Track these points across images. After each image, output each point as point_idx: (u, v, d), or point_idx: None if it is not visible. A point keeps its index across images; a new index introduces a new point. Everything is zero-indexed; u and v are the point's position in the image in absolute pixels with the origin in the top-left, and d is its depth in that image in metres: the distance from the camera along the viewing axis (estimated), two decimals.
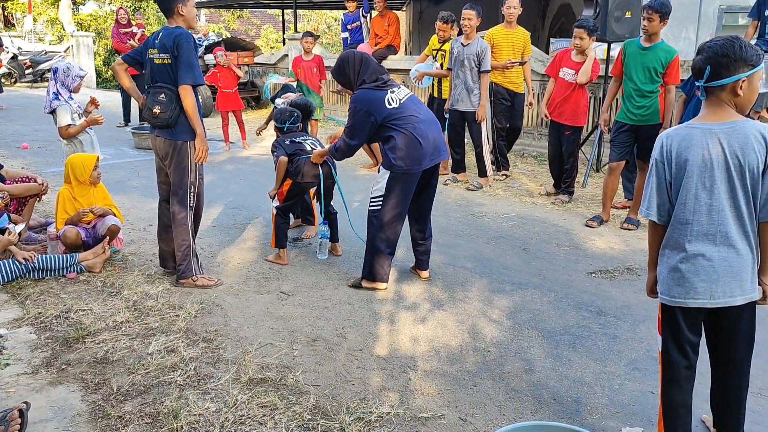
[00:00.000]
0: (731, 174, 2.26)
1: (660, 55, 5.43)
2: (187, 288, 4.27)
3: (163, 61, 4.01)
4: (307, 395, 3.02)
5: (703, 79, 2.27)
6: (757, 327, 3.85)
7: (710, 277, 2.32)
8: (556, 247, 5.23)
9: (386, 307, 4.03)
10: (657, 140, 2.41)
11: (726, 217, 2.29)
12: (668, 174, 2.34)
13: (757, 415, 2.92)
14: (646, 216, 2.44)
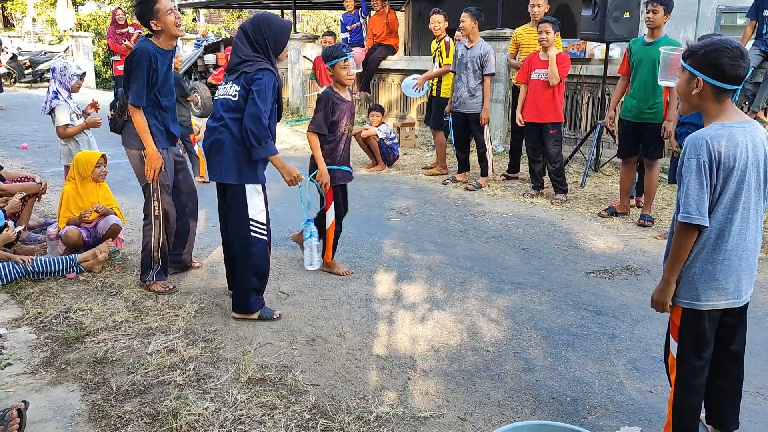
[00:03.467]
0: (759, 171, 2.31)
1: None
2: (186, 288, 4.28)
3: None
4: (306, 395, 3.02)
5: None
6: (756, 327, 3.88)
7: (738, 276, 2.34)
8: (555, 246, 5.24)
9: (385, 307, 4.03)
10: (696, 140, 2.29)
11: (753, 215, 2.34)
12: (716, 177, 2.26)
13: (755, 414, 2.93)
14: (697, 221, 2.26)
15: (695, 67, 2.29)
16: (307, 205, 4.42)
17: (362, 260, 4.88)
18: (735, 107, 2.35)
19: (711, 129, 2.29)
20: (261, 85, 3.53)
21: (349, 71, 4.29)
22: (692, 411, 2.51)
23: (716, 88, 2.28)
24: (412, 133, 10.06)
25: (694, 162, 2.26)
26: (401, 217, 6.12)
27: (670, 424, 2.55)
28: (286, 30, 3.74)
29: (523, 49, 7.25)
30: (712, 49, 2.25)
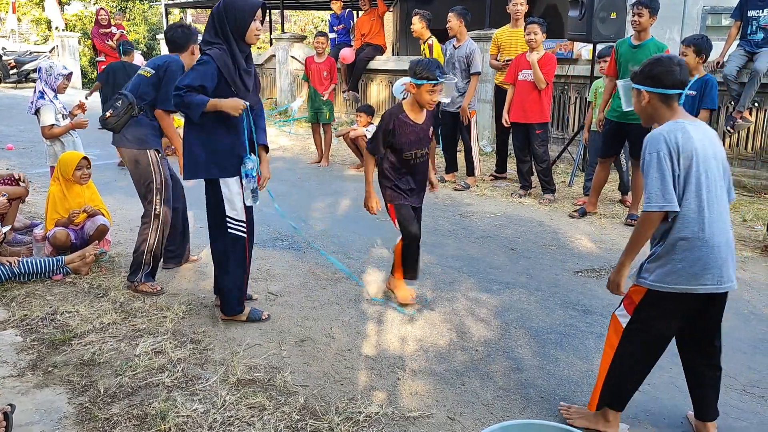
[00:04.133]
0: (719, 163, 2.51)
1: (651, 51, 5.53)
2: (174, 289, 4.26)
3: (143, 72, 4.22)
4: (295, 396, 3.02)
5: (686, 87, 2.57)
6: (740, 324, 3.92)
7: (718, 263, 2.46)
8: (543, 246, 5.26)
9: (374, 307, 4.03)
10: (652, 137, 2.49)
11: (723, 204, 2.52)
12: (677, 166, 2.42)
13: (742, 412, 2.95)
14: (668, 208, 2.41)
15: (639, 83, 2.60)
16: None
17: (351, 260, 4.87)
18: (684, 111, 2.58)
19: (666, 126, 2.51)
20: (195, 65, 3.41)
21: (434, 97, 3.72)
22: (625, 385, 2.65)
23: (661, 95, 2.55)
24: None
25: (654, 156, 2.45)
26: None
27: (598, 390, 2.70)
28: (248, 10, 3.42)
29: (504, 51, 7.28)
30: (648, 63, 2.60)
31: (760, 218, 5.94)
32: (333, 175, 8.04)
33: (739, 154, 7.20)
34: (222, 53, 3.40)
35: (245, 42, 3.48)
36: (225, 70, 3.39)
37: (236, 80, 3.45)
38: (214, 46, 3.42)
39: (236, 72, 3.45)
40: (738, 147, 7.21)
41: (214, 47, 3.41)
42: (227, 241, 3.62)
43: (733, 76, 6.75)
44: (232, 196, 3.56)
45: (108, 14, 11.53)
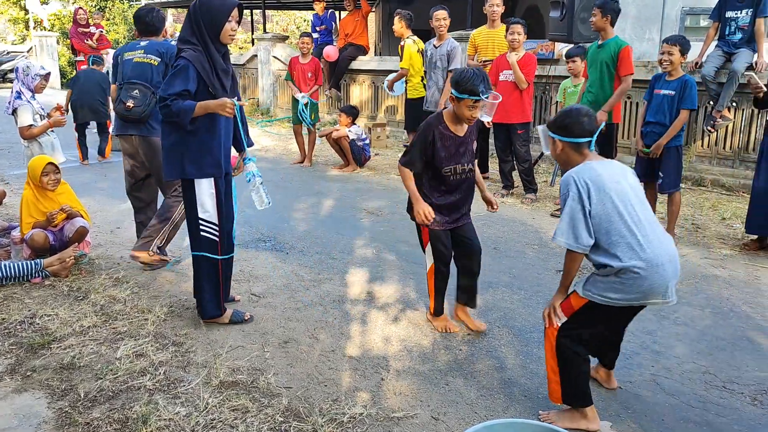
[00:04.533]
0: (636, 191, 2.72)
1: (611, 49, 5.70)
2: (155, 291, 4.22)
3: (146, 60, 4.46)
4: (279, 397, 3.00)
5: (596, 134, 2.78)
6: (720, 321, 3.97)
7: (665, 280, 2.62)
8: (525, 245, 5.28)
9: (358, 308, 4.02)
10: (564, 180, 2.71)
11: (655, 224, 2.71)
12: (588, 203, 2.62)
13: (722, 408, 2.98)
14: (572, 248, 2.66)
15: (553, 131, 2.82)
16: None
17: (334, 261, 4.86)
18: (595, 154, 2.80)
19: (576, 168, 2.72)
20: (174, 68, 3.33)
21: (475, 114, 3.37)
22: (577, 381, 2.76)
23: (572, 144, 2.77)
24: (383, 134, 10.07)
25: (568, 196, 2.67)
26: (373, 217, 6.12)
27: (551, 382, 2.83)
28: (223, 10, 3.33)
29: (482, 51, 7.30)
30: (559, 116, 2.82)
31: (738, 216, 6.02)
32: (316, 176, 8.02)
33: (718, 153, 7.29)
34: (198, 54, 3.33)
35: (220, 42, 3.41)
36: (203, 72, 3.33)
37: (214, 82, 3.39)
38: (189, 46, 3.35)
39: (213, 73, 3.39)
40: (716, 146, 7.29)
41: (190, 48, 3.34)
42: (201, 244, 3.57)
43: (712, 76, 6.83)
44: (204, 198, 3.49)
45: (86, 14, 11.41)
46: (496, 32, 7.19)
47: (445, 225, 3.57)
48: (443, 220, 3.55)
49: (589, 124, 2.75)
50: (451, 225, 3.59)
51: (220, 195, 3.55)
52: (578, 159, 2.77)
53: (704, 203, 6.56)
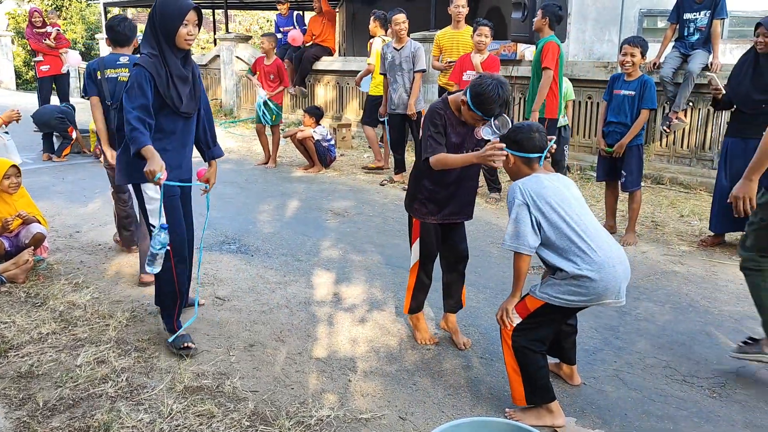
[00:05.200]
0: (579, 202, 2.83)
1: (539, 47, 5.88)
2: (117, 296, 4.13)
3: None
4: (245, 402, 2.97)
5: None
6: (679, 316, 4.05)
7: (618, 281, 2.70)
8: (490, 244, 5.33)
9: (324, 310, 4.01)
10: (510, 188, 2.81)
11: (600, 229, 2.82)
12: (533, 209, 2.73)
13: (683, 401, 3.05)
14: (517, 249, 2.76)
15: (506, 146, 2.90)
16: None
17: (300, 263, 4.83)
18: (542, 168, 2.92)
19: (523, 179, 2.83)
20: (130, 81, 3.17)
21: (479, 125, 3.18)
22: (537, 377, 2.81)
23: (523, 158, 2.88)
24: (348, 134, 10.06)
25: (513, 204, 2.77)
26: (339, 218, 6.11)
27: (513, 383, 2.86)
28: (176, 13, 3.16)
29: (446, 52, 7.34)
30: (512, 131, 2.92)
31: (696, 213, 6.17)
32: (281, 177, 7.96)
33: (675, 152, 7.46)
34: (154, 61, 3.18)
35: (177, 47, 3.23)
36: (158, 80, 3.16)
37: (168, 92, 3.20)
38: (147, 51, 3.22)
39: (169, 81, 3.21)
40: (674, 145, 7.46)
41: (146, 54, 3.21)
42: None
43: (669, 77, 6.99)
44: (151, 204, 3.38)
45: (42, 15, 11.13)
46: (460, 33, 7.23)
47: (439, 218, 3.43)
48: (438, 212, 3.42)
49: (540, 140, 2.86)
50: (446, 219, 3.45)
51: (172, 200, 3.37)
52: (528, 172, 2.89)
53: (663, 201, 6.70)
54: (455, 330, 3.61)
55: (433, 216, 3.42)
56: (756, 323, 3.89)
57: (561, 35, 6.99)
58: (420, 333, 3.61)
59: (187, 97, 3.30)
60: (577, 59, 9.17)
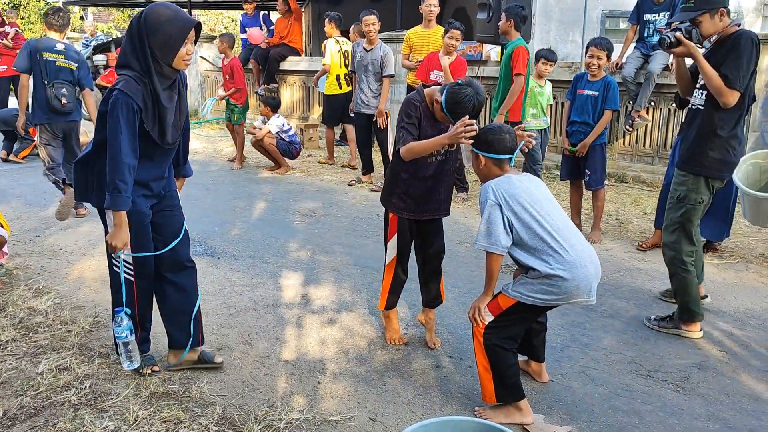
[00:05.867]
0: (551, 202, 2.85)
1: (508, 51, 5.91)
2: (79, 301, 4.04)
3: (67, 65, 5.70)
4: (212, 406, 2.93)
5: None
6: (644, 312, 4.12)
7: (589, 279, 2.74)
8: (458, 244, 5.35)
9: (293, 312, 3.98)
10: (483, 188, 2.83)
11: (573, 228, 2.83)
12: (505, 209, 2.74)
13: (648, 396, 3.11)
14: (488, 249, 2.77)
15: (476, 147, 2.92)
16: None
17: (268, 265, 4.79)
18: (513, 169, 2.94)
19: (495, 179, 2.85)
20: (112, 113, 2.66)
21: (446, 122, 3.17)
22: (507, 375, 2.83)
23: (494, 159, 2.89)
24: (315, 134, 10.01)
25: (486, 204, 2.78)
26: (307, 219, 6.07)
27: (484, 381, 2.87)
28: (178, 32, 2.71)
29: (416, 51, 7.36)
30: (483, 131, 2.91)
31: None
32: (247, 178, 7.89)
33: (638, 151, 7.60)
34: (141, 88, 2.70)
35: (172, 68, 2.77)
36: (144, 113, 2.71)
37: (154, 126, 2.78)
38: (129, 73, 2.71)
39: (155, 114, 2.77)
40: (637, 144, 7.60)
41: (129, 75, 2.70)
42: (115, 281, 3.02)
43: (631, 77, 7.12)
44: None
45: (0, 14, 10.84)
46: (431, 32, 7.26)
47: (417, 214, 3.40)
48: (415, 207, 3.39)
49: (510, 141, 2.88)
50: (423, 215, 3.42)
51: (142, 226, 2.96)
52: (498, 173, 2.90)
53: (626, 199, 6.82)
54: (431, 328, 3.61)
55: (410, 212, 3.40)
56: (716, 317, 3.99)
57: (526, 35, 7.06)
58: (390, 332, 3.60)
59: (172, 128, 2.88)
60: None
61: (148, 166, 2.89)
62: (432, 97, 3.21)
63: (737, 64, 3.38)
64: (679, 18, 3.56)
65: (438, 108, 3.15)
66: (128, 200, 2.74)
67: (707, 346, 3.61)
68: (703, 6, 3.42)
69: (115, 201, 2.71)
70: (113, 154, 2.67)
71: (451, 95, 3.04)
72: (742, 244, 5.36)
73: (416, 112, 3.23)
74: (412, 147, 3.15)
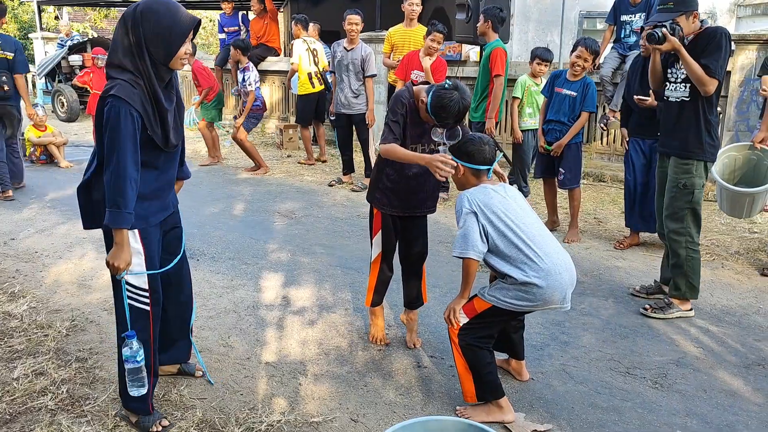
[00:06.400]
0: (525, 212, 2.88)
1: (487, 52, 5.97)
2: (56, 305, 3.98)
3: (3, 56, 6.49)
4: (193, 410, 2.90)
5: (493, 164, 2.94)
6: (622, 309, 4.16)
7: (563, 287, 2.76)
8: (438, 243, 5.36)
9: (273, 313, 3.96)
10: (459, 198, 2.85)
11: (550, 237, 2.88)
12: (481, 218, 2.78)
13: (627, 393, 3.14)
14: (464, 255, 2.80)
15: (457, 156, 2.95)
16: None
17: (248, 266, 4.76)
18: (491, 180, 2.96)
19: (471, 189, 2.89)
20: (108, 122, 2.42)
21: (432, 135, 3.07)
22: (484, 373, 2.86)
23: (472, 170, 2.93)
24: (295, 135, 9.97)
25: (461, 212, 2.82)
26: (287, 220, 6.04)
27: (464, 381, 2.91)
28: (179, 31, 2.49)
29: (398, 50, 7.38)
30: (463, 142, 2.94)
31: None
32: (226, 179, 7.84)
33: (616, 150, 7.68)
34: (138, 92, 2.46)
35: (169, 68, 2.56)
36: (144, 118, 2.48)
37: (156, 130, 2.54)
38: (125, 75, 2.46)
39: (156, 117, 2.54)
40: (614, 143, 7.68)
41: (125, 80, 2.45)
42: (123, 311, 2.68)
43: (609, 77, 7.19)
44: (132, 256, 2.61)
45: None
46: (413, 31, 7.27)
47: (402, 211, 3.40)
48: (400, 204, 3.38)
49: (489, 152, 2.91)
50: (408, 212, 3.41)
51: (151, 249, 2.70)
52: (475, 183, 2.94)
53: (605, 198, 6.89)
54: (412, 328, 3.61)
55: (394, 208, 3.39)
56: (697, 316, 4.03)
57: (504, 36, 7.10)
58: (375, 329, 3.60)
59: (173, 130, 2.64)
60: (520, 60, 9.33)
61: (156, 175, 2.67)
62: (419, 96, 3.20)
63: (716, 55, 3.66)
64: (658, 19, 3.75)
65: (423, 108, 3.13)
66: (130, 217, 2.47)
67: (684, 343, 3.66)
68: (680, 8, 3.67)
69: (116, 218, 2.45)
70: (113, 167, 2.41)
71: (437, 98, 2.99)
72: (717, 242, 5.44)
73: (402, 109, 3.22)
74: (391, 150, 3.17)
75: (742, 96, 6.63)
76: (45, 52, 14.80)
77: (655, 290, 4.28)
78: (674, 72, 3.90)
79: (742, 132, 6.66)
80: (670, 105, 3.96)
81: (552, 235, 2.91)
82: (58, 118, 12.88)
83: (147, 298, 2.70)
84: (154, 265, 2.70)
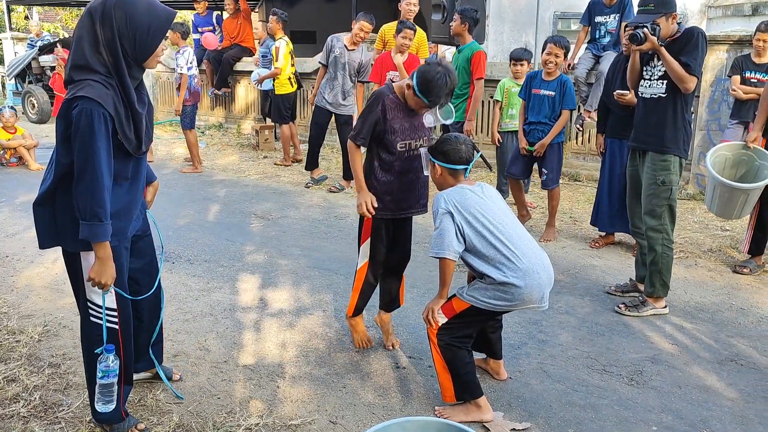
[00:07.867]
0: (503, 211, 2.90)
1: (466, 54, 5.97)
2: (27, 310, 3.90)
3: None
4: (169, 414, 2.86)
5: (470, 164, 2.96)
6: (598, 307, 4.20)
7: (541, 286, 2.77)
8: (416, 244, 5.33)
9: (250, 316, 3.92)
10: (436, 198, 2.86)
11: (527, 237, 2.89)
12: (458, 218, 2.78)
13: (603, 390, 3.17)
14: (440, 255, 2.81)
15: (433, 156, 2.98)
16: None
17: (224, 269, 4.72)
18: (468, 180, 2.98)
19: (448, 189, 2.91)
20: (81, 128, 2.22)
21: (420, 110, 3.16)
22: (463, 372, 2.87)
23: (449, 169, 2.94)
24: (271, 136, 9.91)
25: (438, 212, 2.83)
26: (263, 221, 6.01)
27: (443, 381, 2.91)
28: (159, 25, 2.33)
29: (389, 47, 7.36)
30: (439, 141, 2.98)
31: None
32: (201, 181, 7.76)
33: (591, 150, 7.75)
34: (110, 93, 2.29)
35: (142, 68, 2.41)
36: (116, 121, 2.29)
37: (129, 134, 2.37)
38: (94, 76, 2.27)
39: (129, 120, 2.37)
40: (590, 143, 7.75)
41: (94, 80, 2.26)
42: (91, 332, 2.57)
43: (583, 77, 7.26)
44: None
45: None
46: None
47: (395, 213, 3.34)
48: (392, 205, 3.31)
49: (466, 152, 2.92)
50: (401, 214, 3.36)
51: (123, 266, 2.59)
52: (452, 183, 2.95)
53: (581, 197, 6.95)
54: (387, 330, 3.60)
55: (387, 211, 3.33)
56: (672, 313, 4.09)
57: (479, 37, 7.14)
58: (358, 335, 3.56)
59: (145, 135, 2.48)
60: (495, 60, 9.39)
61: (128, 187, 2.50)
62: (402, 88, 3.17)
63: (695, 53, 3.76)
64: (639, 20, 3.84)
65: (411, 94, 3.06)
66: (109, 228, 2.32)
67: (659, 340, 3.70)
68: (661, 9, 3.77)
69: (96, 231, 2.27)
70: (88, 177, 2.23)
71: (423, 74, 2.96)
72: (691, 240, 5.53)
73: (378, 106, 3.15)
74: (352, 156, 3.27)
75: (714, 96, 6.75)
76: (15, 52, 14.53)
77: (630, 288, 4.33)
78: (649, 69, 3.97)
79: (713, 131, 6.78)
80: (645, 102, 4.02)
81: (530, 234, 2.93)
82: (28, 119, 12.65)
83: (116, 317, 2.58)
84: (123, 282, 2.58)
